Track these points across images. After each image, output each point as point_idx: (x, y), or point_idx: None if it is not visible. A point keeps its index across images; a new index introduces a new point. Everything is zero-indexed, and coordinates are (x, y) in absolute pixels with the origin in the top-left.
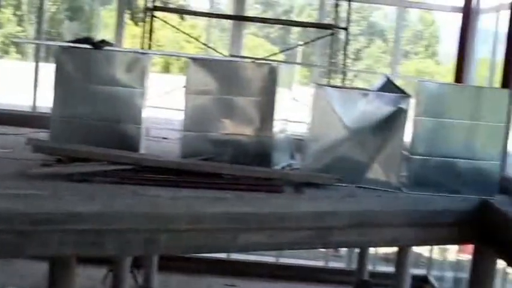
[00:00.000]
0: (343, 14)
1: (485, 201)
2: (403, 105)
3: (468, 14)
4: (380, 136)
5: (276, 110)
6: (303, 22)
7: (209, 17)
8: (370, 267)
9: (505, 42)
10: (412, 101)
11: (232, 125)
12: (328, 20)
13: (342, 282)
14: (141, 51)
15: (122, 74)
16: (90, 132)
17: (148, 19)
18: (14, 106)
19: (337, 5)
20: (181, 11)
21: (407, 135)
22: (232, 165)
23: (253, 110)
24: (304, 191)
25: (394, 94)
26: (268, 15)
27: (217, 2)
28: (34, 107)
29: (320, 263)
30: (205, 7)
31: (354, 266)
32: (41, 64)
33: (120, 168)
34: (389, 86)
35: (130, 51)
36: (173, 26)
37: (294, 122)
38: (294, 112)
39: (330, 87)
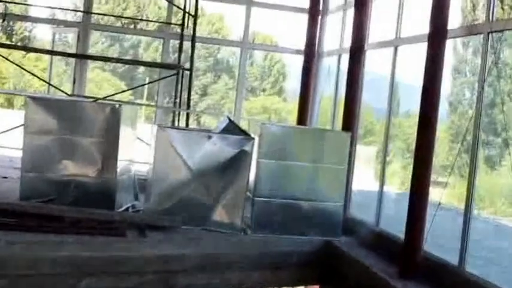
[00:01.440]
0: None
1: (329, 242)
2: (246, 148)
3: (311, 56)
4: (224, 178)
5: (119, 150)
6: (147, 62)
7: (51, 54)
8: None
9: (345, 84)
10: (256, 142)
11: (74, 166)
12: (173, 58)
13: None
14: None
15: None
16: None
17: None
18: None
19: (181, 45)
20: (23, 48)
21: (251, 177)
22: (73, 207)
23: (96, 150)
24: (147, 234)
25: (238, 136)
26: (116, 49)
27: (64, 34)
28: None
29: None
30: (48, 39)
31: None
32: None
33: None
34: (231, 127)
35: None
36: (13, 63)
37: (138, 161)
38: (138, 151)
39: (172, 129)
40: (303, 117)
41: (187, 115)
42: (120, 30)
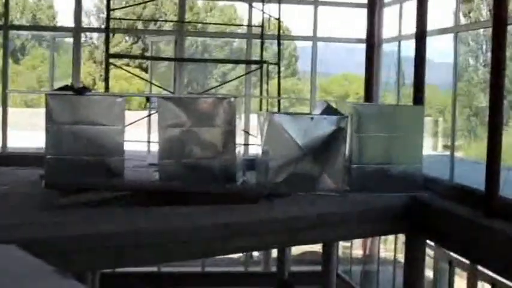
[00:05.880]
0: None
1: (413, 197)
2: (342, 125)
3: (372, 44)
4: (326, 151)
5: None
6: (237, 60)
7: (155, 60)
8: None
9: (413, 68)
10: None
11: (201, 152)
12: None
13: (262, 284)
14: (117, 94)
15: (103, 114)
16: (80, 166)
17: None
18: None
19: (262, 43)
20: (135, 57)
21: (347, 149)
22: (211, 184)
23: (218, 137)
24: (273, 201)
25: (335, 116)
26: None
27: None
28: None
29: (240, 269)
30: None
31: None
32: None
33: (122, 194)
34: (329, 110)
35: (108, 95)
36: (128, 71)
37: (244, 144)
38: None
39: (282, 114)
40: (369, 96)
41: (279, 102)
42: (210, 35)
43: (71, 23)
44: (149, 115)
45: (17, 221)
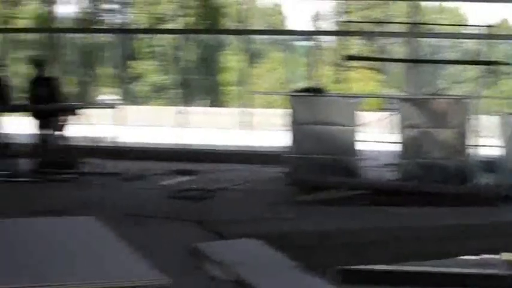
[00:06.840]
0: None
1: None
2: None
3: None
4: None
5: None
6: (470, 61)
7: (389, 61)
8: None
9: None
10: None
11: (436, 152)
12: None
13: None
14: (351, 95)
15: (339, 115)
16: (319, 164)
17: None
18: None
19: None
20: (368, 59)
21: None
22: (449, 185)
23: (452, 138)
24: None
25: None
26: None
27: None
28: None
29: (476, 270)
30: None
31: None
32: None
33: (359, 193)
34: None
35: (344, 96)
36: (362, 72)
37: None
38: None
39: None
40: None
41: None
42: (441, 36)
43: (303, 27)
44: (387, 116)
45: (261, 216)
